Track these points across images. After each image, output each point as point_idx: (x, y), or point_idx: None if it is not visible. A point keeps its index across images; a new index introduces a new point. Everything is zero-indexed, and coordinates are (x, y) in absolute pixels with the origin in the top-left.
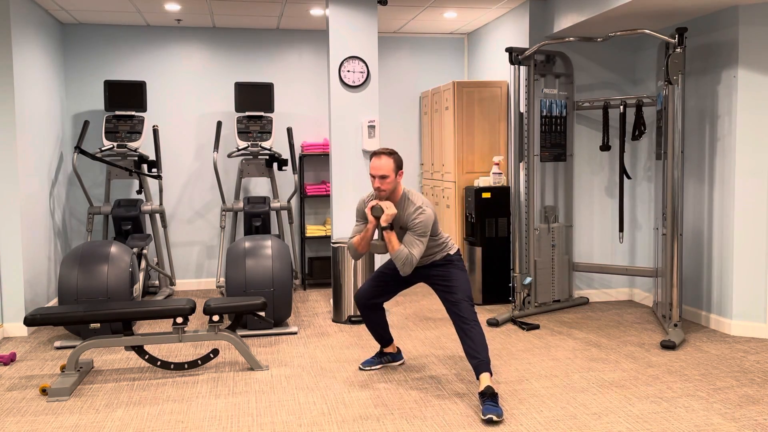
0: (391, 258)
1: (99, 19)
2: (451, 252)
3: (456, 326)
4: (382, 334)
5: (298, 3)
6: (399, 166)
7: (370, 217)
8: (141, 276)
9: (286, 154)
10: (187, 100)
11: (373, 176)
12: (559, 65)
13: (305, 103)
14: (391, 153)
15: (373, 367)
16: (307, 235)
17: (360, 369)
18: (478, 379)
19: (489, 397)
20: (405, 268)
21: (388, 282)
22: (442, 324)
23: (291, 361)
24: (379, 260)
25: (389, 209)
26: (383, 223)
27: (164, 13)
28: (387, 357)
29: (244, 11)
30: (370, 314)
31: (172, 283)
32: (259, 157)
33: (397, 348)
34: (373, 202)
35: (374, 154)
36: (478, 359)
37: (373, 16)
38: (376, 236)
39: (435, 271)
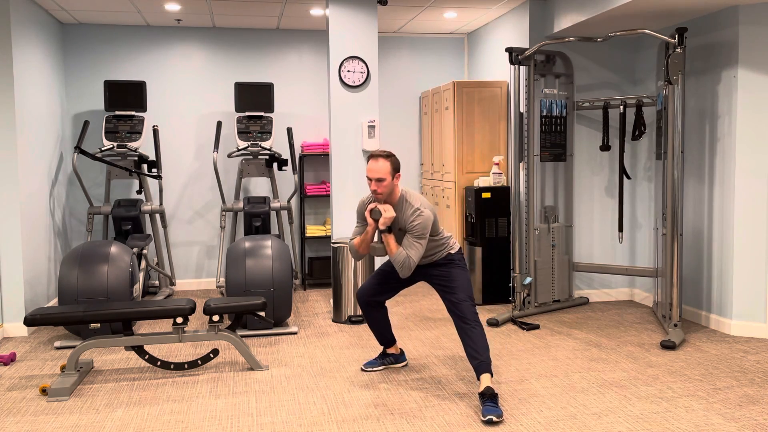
0: (390, 260)
1: (99, 19)
2: (453, 251)
3: (457, 326)
4: (384, 334)
5: (298, 3)
6: (396, 168)
7: (369, 220)
8: (141, 276)
9: (286, 154)
10: (187, 100)
11: (369, 179)
12: (559, 65)
13: (305, 103)
14: (388, 156)
15: (375, 368)
16: (307, 235)
17: (362, 370)
18: (478, 379)
19: (489, 398)
20: (403, 271)
21: (389, 280)
22: (442, 324)
23: (291, 361)
24: (380, 260)
25: (387, 212)
26: (381, 227)
27: (164, 13)
28: (390, 358)
29: (244, 11)
30: (372, 312)
31: (172, 283)
32: (259, 157)
33: (401, 349)
34: (372, 205)
35: (371, 156)
36: (479, 360)
37: (373, 16)
38: (376, 238)
39: (436, 271)
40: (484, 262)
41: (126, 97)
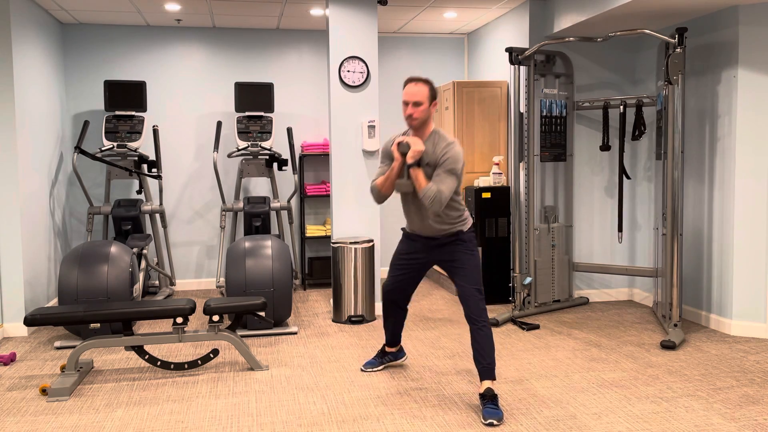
0: (420, 197)
1: (99, 19)
2: (464, 228)
3: (467, 319)
4: (395, 333)
5: (298, 3)
6: (434, 96)
7: (396, 155)
8: (141, 276)
9: (286, 154)
10: (187, 100)
11: (406, 103)
12: (559, 65)
13: (305, 103)
14: (427, 81)
15: (374, 369)
16: (307, 235)
17: (361, 371)
18: (480, 381)
19: (489, 399)
20: (434, 206)
21: (407, 268)
22: (442, 324)
23: (291, 361)
24: (380, 261)
25: (416, 145)
26: (410, 160)
27: (164, 13)
28: (389, 357)
29: (244, 11)
30: (394, 310)
31: (172, 283)
32: (259, 157)
33: (400, 346)
34: (400, 138)
35: (409, 80)
36: (482, 365)
37: (373, 16)
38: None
39: (444, 253)
40: (484, 262)
41: (126, 97)
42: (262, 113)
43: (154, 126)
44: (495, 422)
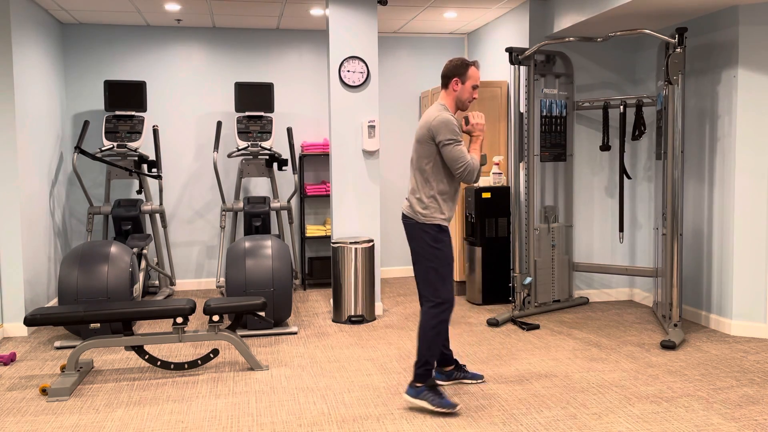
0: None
1: (99, 19)
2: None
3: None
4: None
5: (298, 3)
6: None
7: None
8: (141, 276)
9: (286, 154)
10: (187, 100)
11: (475, 86)
12: (559, 65)
13: (305, 103)
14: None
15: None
16: (307, 235)
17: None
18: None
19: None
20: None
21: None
22: None
23: (291, 361)
24: (380, 261)
25: (482, 119)
26: (482, 135)
27: (164, 13)
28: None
29: (244, 11)
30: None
31: (172, 283)
32: (259, 157)
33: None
34: (468, 114)
35: (473, 63)
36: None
37: (373, 16)
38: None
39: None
40: (484, 262)
41: (126, 97)
42: (262, 113)
43: (154, 126)
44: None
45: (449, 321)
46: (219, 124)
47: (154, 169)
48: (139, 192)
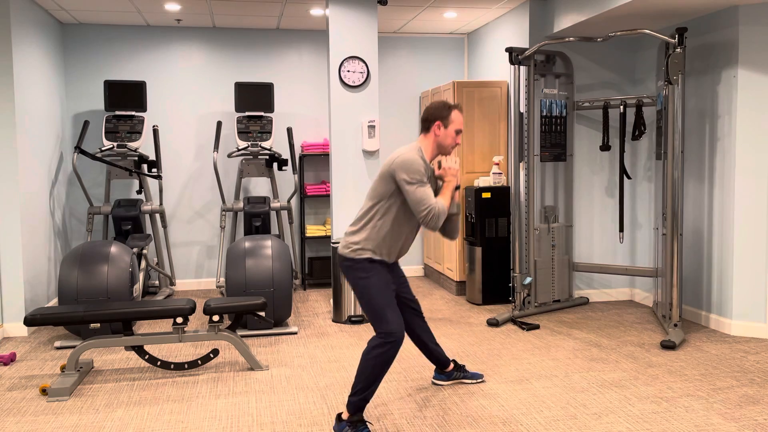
0: (442, 215)
1: (99, 19)
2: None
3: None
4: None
5: (298, 3)
6: None
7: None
8: (141, 276)
9: (286, 154)
10: (187, 100)
11: (458, 131)
12: (559, 65)
13: (305, 103)
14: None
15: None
16: (307, 235)
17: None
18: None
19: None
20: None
21: (392, 292)
22: (442, 324)
23: (291, 361)
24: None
25: (456, 165)
26: (457, 182)
27: (164, 13)
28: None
29: (244, 11)
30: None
31: (172, 283)
32: (259, 157)
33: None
34: (438, 159)
35: (455, 107)
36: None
37: (373, 16)
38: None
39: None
40: (484, 262)
41: (126, 97)
42: (262, 113)
43: (154, 126)
44: None
45: (392, 359)
46: (219, 124)
47: (154, 169)
48: (139, 192)
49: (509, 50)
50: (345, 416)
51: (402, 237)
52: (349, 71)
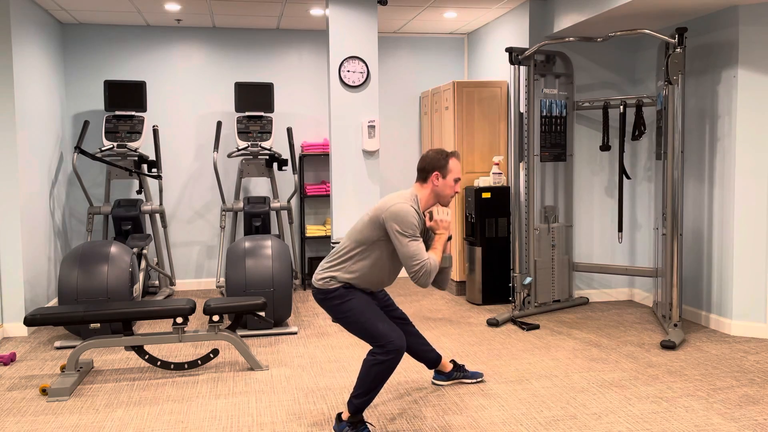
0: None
1: (99, 19)
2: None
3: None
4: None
5: (298, 3)
6: None
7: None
8: (141, 276)
9: (286, 154)
10: (187, 100)
11: (457, 180)
12: (559, 65)
13: (305, 103)
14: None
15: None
16: (307, 235)
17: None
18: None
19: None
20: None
21: (376, 307)
22: (442, 324)
23: (291, 361)
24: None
25: (449, 217)
26: (448, 233)
27: (164, 13)
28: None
29: (244, 11)
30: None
31: (172, 283)
32: (259, 157)
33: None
34: (432, 210)
35: (453, 154)
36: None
37: (373, 16)
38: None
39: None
40: (484, 262)
41: (126, 97)
42: (262, 113)
43: (154, 126)
44: None
45: (393, 368)
46: (219, 124)
47: (154, 169)
48: (139, 192)
49: (509, 50)
50: (345, 416)
51: (384, 275)
52: (349, 71)
